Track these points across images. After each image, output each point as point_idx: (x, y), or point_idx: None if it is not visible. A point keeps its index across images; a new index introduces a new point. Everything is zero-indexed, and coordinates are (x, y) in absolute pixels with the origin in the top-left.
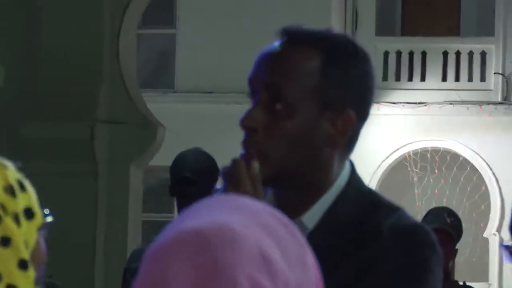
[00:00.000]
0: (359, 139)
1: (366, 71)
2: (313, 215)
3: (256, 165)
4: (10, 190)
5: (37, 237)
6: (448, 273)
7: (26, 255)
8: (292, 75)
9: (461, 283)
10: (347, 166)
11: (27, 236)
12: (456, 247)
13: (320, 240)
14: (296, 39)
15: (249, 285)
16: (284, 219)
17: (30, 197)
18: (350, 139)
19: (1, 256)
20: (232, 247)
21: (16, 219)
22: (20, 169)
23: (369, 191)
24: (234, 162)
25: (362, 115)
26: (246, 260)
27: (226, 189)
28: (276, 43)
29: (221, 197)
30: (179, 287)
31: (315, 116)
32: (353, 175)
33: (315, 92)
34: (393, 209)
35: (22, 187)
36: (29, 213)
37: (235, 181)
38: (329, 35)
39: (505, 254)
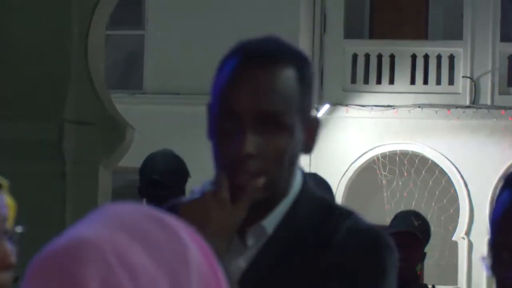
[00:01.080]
0: (327, 140)
1: (313, 77)
2: (272, 220)
3: (262, 180)
4: None
5: None
6: (417, 276)
7: None
8: (283, 99)
9: (430, 287)
10: (298, 172)
11: None
12: (425, 250)
13: (280, 243)
14: (274, 59)
15: None
16: (166, 220)
17: None
18: None
19: None
20: (82, 259)
21: None
22: None
23: (321, 197)
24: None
25: None
26: (98, 268)
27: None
28: (251, 64)
29: (100, 209)
30: None
31: (298, 130)
32: (305, 181)
33: (298, 108)
34: (347, 213)
35: None
36: None
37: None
38: (295, 50)
39: (484, 264)
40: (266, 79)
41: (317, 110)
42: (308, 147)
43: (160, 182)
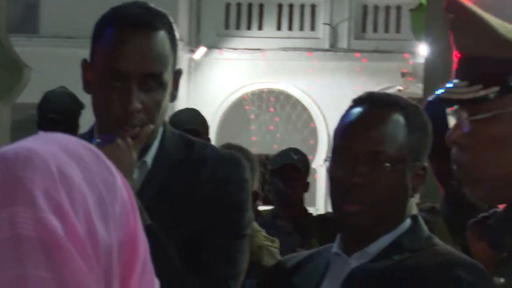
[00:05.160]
0: (203, 79)
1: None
2: (150, 155)
3: (151, 126)
4: None
5: None
6: (304, 207)
7: None
8: (162, 60)
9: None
10: None
11: None
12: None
13: (159, 174)
14: (151, 24)
15: (44, 197)
16: (95, 150)
17: None
18: None
19: None
20: (29, 166)
21: None
22: None
23: (179, 133)
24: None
25: None
26: (42, 176)
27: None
28: (132, 30)
29: (39, 135)
30: None
31: (170, 84)
32: (164, 120)
33: (171, 66)
34: (205, 144)
35: None
36: None
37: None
38: (163, 14)
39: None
40: (148, 43)
41: (194, 52)
42: (174, 96)
43: (55, 120)
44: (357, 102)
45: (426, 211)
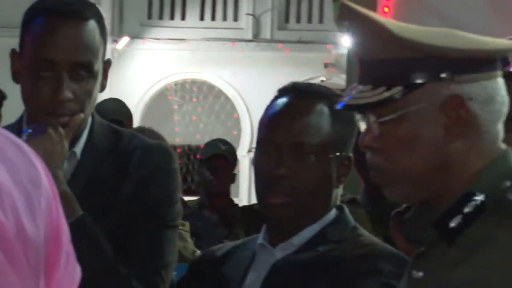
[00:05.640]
0: (126, 69)
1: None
2: (79, 146)
3: (81, 115)
4: None
5: None
6: (230, 198)
7: None
8: (92, 50)
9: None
10: None
11: None
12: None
13: (88, 166)
14: (81, 14)
15: None
16: (18, 142)
17: None
18: None
19: None
20: None
21: None
22: None
23: (107, 123)
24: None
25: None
26: None
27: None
28: (61, 19)
29: None
30: None
31: (100, 73)
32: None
33: (101, 56)
34: (132, 134)
35: None
36: None
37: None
38: (91, 4)
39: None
40: (78, 32)
41: (117, 42)
42: (103, 86)
43: None
44: (281, 92)
45: (347, 202)
